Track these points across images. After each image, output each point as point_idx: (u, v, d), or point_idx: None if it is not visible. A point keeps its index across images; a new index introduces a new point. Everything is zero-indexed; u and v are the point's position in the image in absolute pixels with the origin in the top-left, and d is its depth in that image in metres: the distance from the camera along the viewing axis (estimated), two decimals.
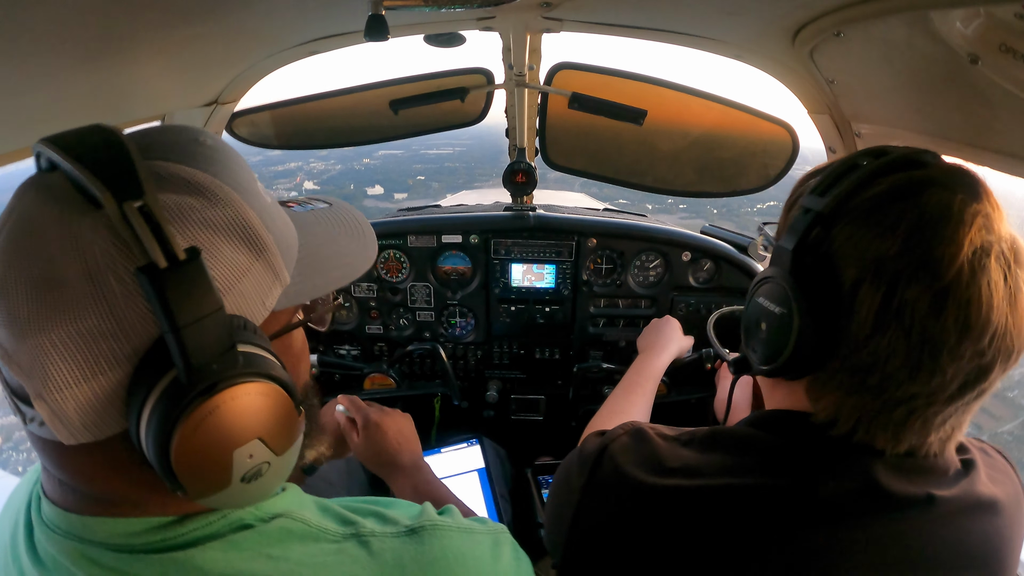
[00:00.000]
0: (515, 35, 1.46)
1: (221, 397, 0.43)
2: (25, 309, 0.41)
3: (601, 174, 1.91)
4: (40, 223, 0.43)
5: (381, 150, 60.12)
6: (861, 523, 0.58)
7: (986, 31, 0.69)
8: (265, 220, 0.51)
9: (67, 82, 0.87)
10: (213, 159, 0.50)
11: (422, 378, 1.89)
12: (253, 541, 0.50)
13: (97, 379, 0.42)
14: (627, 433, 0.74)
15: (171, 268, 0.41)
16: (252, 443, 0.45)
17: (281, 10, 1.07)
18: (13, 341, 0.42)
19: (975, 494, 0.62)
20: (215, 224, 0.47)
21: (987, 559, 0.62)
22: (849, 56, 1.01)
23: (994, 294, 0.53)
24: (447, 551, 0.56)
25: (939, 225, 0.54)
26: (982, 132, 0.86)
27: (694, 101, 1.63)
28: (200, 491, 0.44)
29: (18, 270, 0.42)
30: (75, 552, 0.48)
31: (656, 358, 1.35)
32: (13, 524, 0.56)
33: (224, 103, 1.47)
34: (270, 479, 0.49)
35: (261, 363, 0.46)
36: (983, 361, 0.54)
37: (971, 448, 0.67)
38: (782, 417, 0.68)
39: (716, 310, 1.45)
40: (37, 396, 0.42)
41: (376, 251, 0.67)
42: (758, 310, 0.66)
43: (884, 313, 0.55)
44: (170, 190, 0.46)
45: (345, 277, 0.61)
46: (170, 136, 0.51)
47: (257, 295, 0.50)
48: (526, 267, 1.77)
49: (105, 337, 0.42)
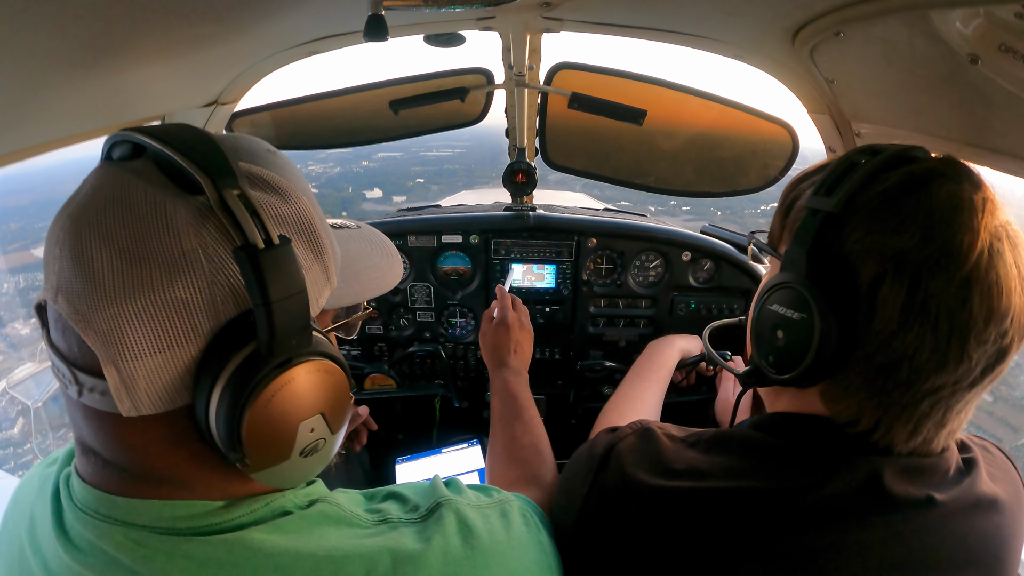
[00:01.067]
0: (515, 35, 1.46)
1: (296, 371, 0.47)
2: (110, 277, 0.44)
3: (601, 174, 1.91)
4: (131, 200, 0.46)
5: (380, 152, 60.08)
6: (864, 524, 0.58)
7: (986, 31, 0.69)
8: (324, 225, 0.57)
9: (66, 82, 0.87)
10: (283, 167, 0.56)
11: (422, 378, 1.89)
12: (295, 525, 0.52)
13: (172, 351, 0.45)
14: (634, 433, 0.74)
15: (267, 249, 0.45)
16: (315, 417, 0.50)
17: (281, 10, 1.06)
18: (93, 308, 0.44)
19: (976, 493, 0.62)
20: (288, 220, 0.52)
21: (988, 558, 0.62)
22: (849, 56, 1.01)
23: (1011, 276, 0.54)
24: (464, 527, 0.58)
25: (955, 214, 0.54)
26: (982, 132, 0.86)
27: (694, 101, 1.63)
28: (262, 463, 0.48)
29: (105, 241, 0.44)
30: (119, 535, 0.48)
31: (667, 348, 1.39)
32: (29, 517, 0.56)
33: (224, 103, 1.47)
34: (322, 456, 0.54)
35: (327, 345, 0.51)
36: (1004, 343, 0.55)
37: (973, 446, 0.68)
38: (789, 420, 0.67)
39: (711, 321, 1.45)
40: (110, 362, 0.44)
41: (402, 271, 0.74)
42: (773, 318, 0.64)
43: (909, 307, 0.54)
44: (255, 187, 0.51)
45: (378, 289, 0.68)
46: (244, 143, 0.56)
47: (314, 291, 0.54)
48: (526, 267, 1.77)
49: (188, 310, 0.45)
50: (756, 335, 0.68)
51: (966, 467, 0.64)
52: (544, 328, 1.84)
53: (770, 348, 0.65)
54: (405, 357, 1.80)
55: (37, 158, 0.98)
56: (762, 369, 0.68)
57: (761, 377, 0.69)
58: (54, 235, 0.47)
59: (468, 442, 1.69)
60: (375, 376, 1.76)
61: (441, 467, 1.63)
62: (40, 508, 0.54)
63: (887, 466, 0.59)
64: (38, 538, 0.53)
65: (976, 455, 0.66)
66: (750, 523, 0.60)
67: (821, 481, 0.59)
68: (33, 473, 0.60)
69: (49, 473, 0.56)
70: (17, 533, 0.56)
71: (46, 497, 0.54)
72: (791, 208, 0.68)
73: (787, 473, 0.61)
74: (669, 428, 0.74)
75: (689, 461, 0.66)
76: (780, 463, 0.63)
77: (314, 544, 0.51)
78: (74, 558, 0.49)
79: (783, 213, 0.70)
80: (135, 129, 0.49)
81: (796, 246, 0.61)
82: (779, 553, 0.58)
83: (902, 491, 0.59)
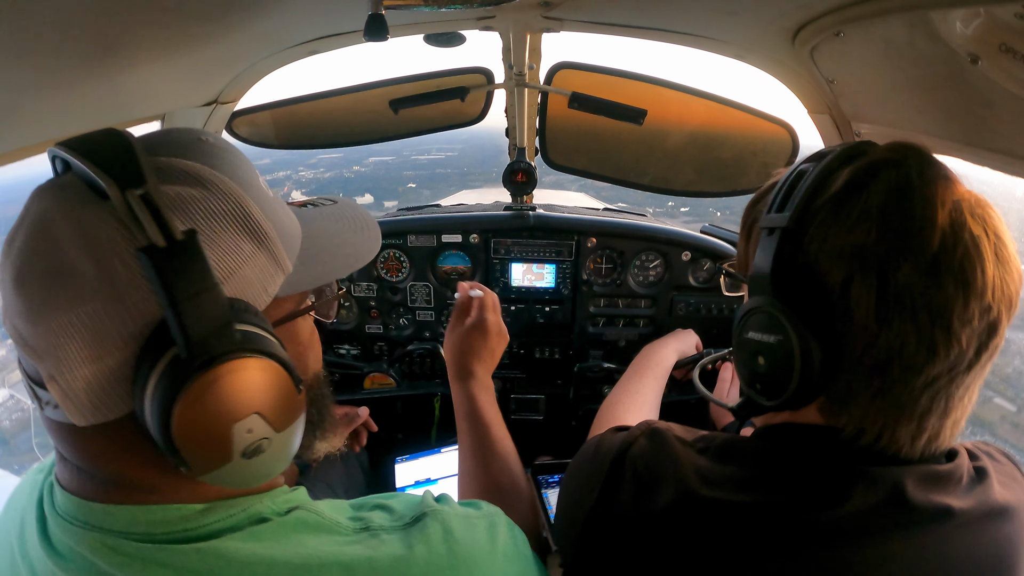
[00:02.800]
0: (515, 35, 1.46)
1: (219, 371, 0.45)
2: (39, 296, 0.44)
3: (601, 174, 1.91)
4: (52, 217, 0.46)
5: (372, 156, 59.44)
6: (887, 538, 0.57)
7: (986, 31, 0.69)
8: (266, 211, 0.54)
9: (66, 82, 0.87)
10: (214, 155, 0.53)
11: (422, 377, 1.89)
12: (272, 532, 0.52)
13: (104, 359, 0.45)
14: (644, 434, 0.72)
15: (169, 247, 0.44)
16: (251, 417, 0.47)
17: (281, 10, 1.06)
18: (29, 327, 0.45)
19: (989, 502, 0.61)
20: (216, 213, 0.50)
21: (1000, 566, 0.61)
22: (849, 56, 1.01)
23: (982, 248, 0.52)
24: (448, 537, 0.57)
25: (906, 197, 0.53)
26: (982, 132, 0.86)
27: (694, 101, 1.63)
28: (203, 466, 0.46)
29: (33, 262, 0.45)
30: (95, 542, 0.48)
31: (662, 347, 1.39)
32: (20, 523, 0.56)
33: (224, 103, 1.47)
34: (272, 456, 0.51)
35: (259, 341, 0.48)
36: (992, 316, 0.53)
37: (980, 455, 0.66)
38: (795, 431, 0.65)
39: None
40: (50, 377, 0.45)
41: (379, 244, 0.70)
42: (751, 346, 0.62)
43: (883, 303, 0.53)
44: (173, 182, 0.49)
45: (347, 267, 0.64)
46: (173, 136, 0.54)
47: (259, 282, 0.52)
48: (526, 267, 1.77)
49: (112, 318, 0.45)
50: (740, 365, 0.66)
51: (978, 475, 0.63)
52: (544, 328, 1.84)
53: (755, 376, 0.63)
54: (404, 356, 1.80)
55: None
56: (753, 399, 0.65)
57: (754, 407, 0.67)
58: (1, 261, 0.48)
59: None
60: (375, 375, 1.76)
61: (441, 466, 1.63)
62: (28, 515, 0.55)
63: (907, 477, 0.58)
64: (26, 543, 0.54)
65: (985, 463, 0.65)
66: (770, 539, 0.58)
67: (841, 496, 0.57)
68: (26, 479, 0.61)
69: (38, 480, 0.57)
70: (9, 538, 0.57)
71: (33, 504, 0.55)
72: (751, 231, 0.67)
73: (802, 487, 0.60)
74: (676, 430, 0.73)
75: (700, 470, 0.64)
76: (793, 476, 0.61)
77: (290, 552, 0.50)
78: (56, 564, 0.50)
79: (745, 237, 0.68)
80: (62, 143, 0.49)
81: (759, 268, 0.60)
82: (800, 570, 0.57)
83: (923, 502, 0.57)
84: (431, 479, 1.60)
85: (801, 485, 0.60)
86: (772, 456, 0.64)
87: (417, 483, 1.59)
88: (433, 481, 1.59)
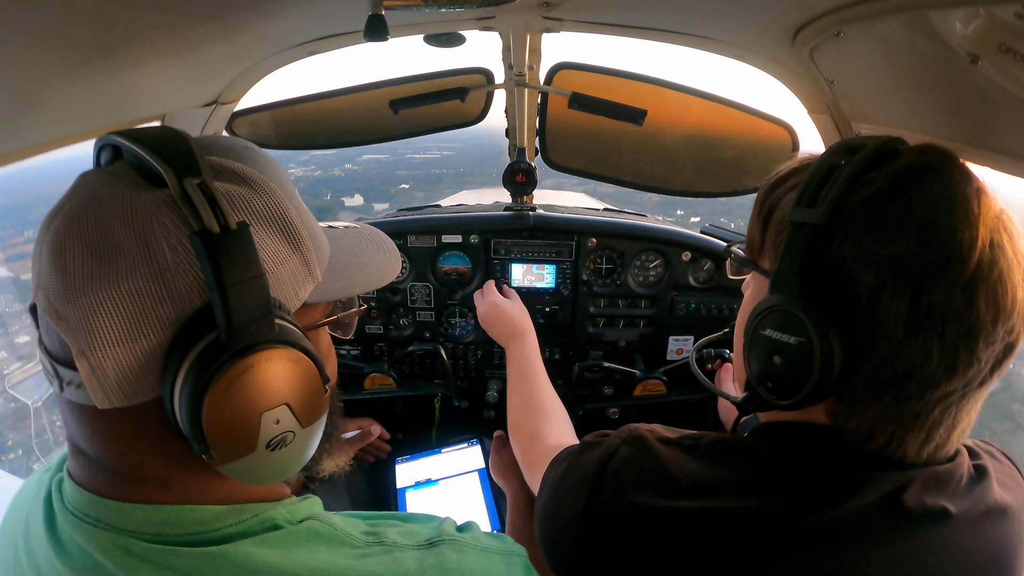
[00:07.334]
0: (515, 35, 1.46)
1: (256, 357, 0.46)
2: (80, 270, 0.45)
3: (601, 174, 1.90)
4: (101, 198, 0.47)
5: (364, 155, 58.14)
6: (883, 541, 0.56)
7: (986, 31, 0.68)
8: (304, 219, 0.57)
9: (66, 82, 0.87)
10: (260, 161, 0.56)
11: (422, 378, 1.89)
12: (283, 540, 0.52)
13: (139, 341, 0.45)
14: (625, 442, 0.70)
15: (223, 234, 0.45)
16: (280, 408, 0.49)
17: (281, 10, 1.06)
18: (64, 301, 0.45)
19: (987, 502, 0.61)
20: (260, 212, 0.52)
21: (999, 566, 0.61)
22: (849, 56, 1.01)
23: (1013, 269, 0.52)
24: (463, 565, 0.56)
25: (950, 212, 0.52)
26: (982, 132, 0.86)
27: (694, 101, 1.63)
28: (226, 454, 0.47)
29: (76, 236, 0.46)
30: (107, 541, 0.48)
31: (522, 341, 1.36)
32: (24, 522, 0.56)
33: (224, 103, 1.47)
34: (293, 451, 0.52)
35: (295, 334, 0.50)
36: (1011, 338, 0.53)
37: (981, 453, 0.66)
38: (794, 430, 0.64)
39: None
40: (80, 354, 0.45)
41: (399, 266, 0.73)
42: (768, 343, 0.60)
43: (914, 316, 0.52)
44: (223, 179, 0.51)
45: (371, 283, 0.67)
46: (222, 141, 0.57)
47: (292, 284, 0.54)
48: (526, 267, 1.77)
49: (153, 300, 0.46)
50: (751, 361, 0.64)
51: (977, 475, 0.62)
52: (544, 328, 1.84)
53: (767, 375, 0.61)
54: (405, 357, 1.80)
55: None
56: (760, 395, 0.64)
57: (760, 402, 0.65)
58: (38, 237, 0.48)
59: (468, 442, 1.70)
60: (375, 376, 1.76)
61: (441, 467, 1.63)
62: (34, 513, 0.55)
63: (908, 481, 0.57)
64: (31, 543, 0.54)
65: (985, 462, 0.64)
66: (764, 544, 0.57)
67: (839, 499, 0.57)
68: (32, 479, 0.61)
69: (45, 479, 0.56)
70: (13, 538, 0.57)
71: (39, 502, 0.54)
72: (770, 218, 0.65)
73: (802, 490, 0.59)
74: (659, 430, 0.71)
75: (692, 475, 0.63)
76: (793, 479, 0.60)
77: (300, 562, 0.50)
78: (63, 562, 0.49)
79: (762, 223, 0.66)
80: (117, 132, 0.51)
81: (785, 264, 0.58)
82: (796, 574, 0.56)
83: (919, 504, 0.57)
84: (431, 479, 1.60)
85: (804, 487, 0.59)
86: (772, 458, 0.63)
87: (417, 483, 1.59)
88: (434, 482, 1.59)
